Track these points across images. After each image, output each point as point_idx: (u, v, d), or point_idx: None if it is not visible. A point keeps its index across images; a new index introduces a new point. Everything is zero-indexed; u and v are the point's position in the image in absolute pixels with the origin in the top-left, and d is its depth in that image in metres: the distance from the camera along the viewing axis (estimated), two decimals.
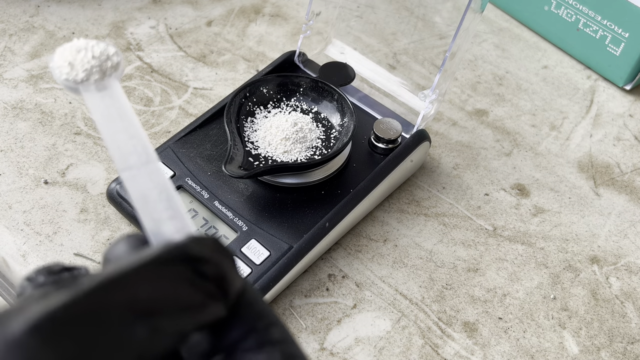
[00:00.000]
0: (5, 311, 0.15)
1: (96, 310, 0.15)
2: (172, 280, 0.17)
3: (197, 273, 0.18)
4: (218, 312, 0.18)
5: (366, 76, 0.53)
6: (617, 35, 0.56)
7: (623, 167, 0.54)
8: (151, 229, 0.21)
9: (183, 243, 0.18)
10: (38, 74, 0.55)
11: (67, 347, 0.14)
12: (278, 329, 0.19)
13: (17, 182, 0.48)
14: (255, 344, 0.19)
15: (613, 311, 0.45)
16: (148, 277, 0.16)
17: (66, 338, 0.14)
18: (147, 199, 0.21)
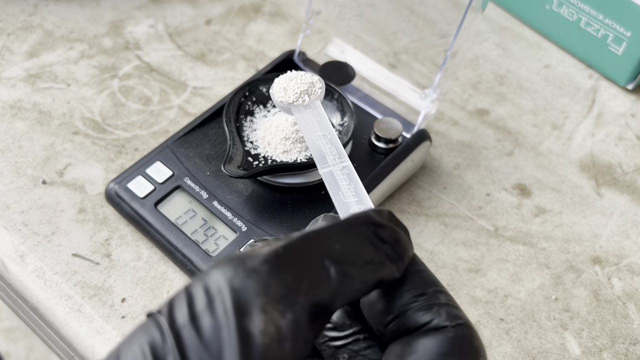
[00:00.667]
0: (243, 253, 0.20)
1: (303, 252, 0.20)
2: (358, 238, 0.22)
3: (377, 236, 0.22)
4: (393, 272, 0.23)
5: (366, 75, 0.52)
6: (619, 34, 0.56)
7: (625, 167, 0.53)
8: (341, 211, 0.27)
9: (366, 211, 0.23)
10: (36, 73, 0.55)
11: (285, 275, 0.20)
12: (444, 294, 0.23)
13: (15, 182, 0.48)
14: (424, 306, 0.23)
15: (615, 312, 0.45)
16: (340, 235, 0.21)
17: (285, 269, 0.20)
18: (339, 188, 0.28)
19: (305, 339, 0.20)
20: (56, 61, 0.56)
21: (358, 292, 0.21)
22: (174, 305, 0.19)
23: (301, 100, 0.36)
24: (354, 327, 0.24)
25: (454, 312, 0.23)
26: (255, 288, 0.19)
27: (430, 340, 0.22)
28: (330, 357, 0.25)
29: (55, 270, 0.44)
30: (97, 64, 0.56)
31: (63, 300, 0.43)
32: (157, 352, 0.18)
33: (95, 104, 0.53)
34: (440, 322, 0.22)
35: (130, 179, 0.46)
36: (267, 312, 0.19)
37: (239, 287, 0.19)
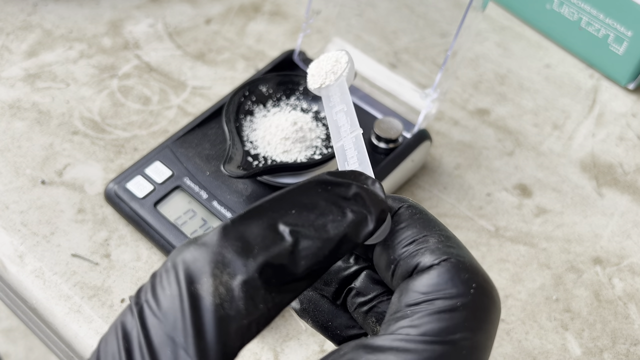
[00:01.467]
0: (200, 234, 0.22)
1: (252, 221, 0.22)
2: (313, 199, 0.23)
3: (336, 194, 0.23)
4: (364, 224, 0.23)
5: (367, 75, 0.52)
6: (619, 34, 0.55)
7: (626, 167, 0.53)
8: None
9: (321, 174, 0.24)
10: (35, 73, 0.55)
11: (234, 242, 0.21)
12: (436, 237, 0.24)
13: (14, 182, 0.48)
14: (412, 252, 0.23)
15: (616, 312, 0.45)
16: (295, 199, 0.22)
17: (234, 237, 0.21)
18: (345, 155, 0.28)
19: (265, 299, 0.21)
20: (55, 61, 0.56)
21: (323, 250, 0.22)
22: (142, 287, 0.22)
23: (328, 81, 0.35)
24: (376, 290, 0.26)
25: (439, 251, 0.23)
26: (205, 257, 0.21)
27: (416, 282, 0.23)
28: (363, 324, 0.26)
29: (54, 270, 0.44)
30: (97, 64, 0.56)
31: (62, 301, 0.43)
32: (126, 329, 0.20)
33: (94, 104, 0.53)
34: (426, 263, 0.23)
35: (130, 179, 0.46)
36: (217, 276, 0.20)
37: (190, 259, 0.21)
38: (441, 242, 0.23)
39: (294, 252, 0.22)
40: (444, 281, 0.22)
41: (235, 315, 0.20)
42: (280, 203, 0.22)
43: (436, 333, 0.21)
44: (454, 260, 0.23)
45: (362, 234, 0.23)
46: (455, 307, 0.22)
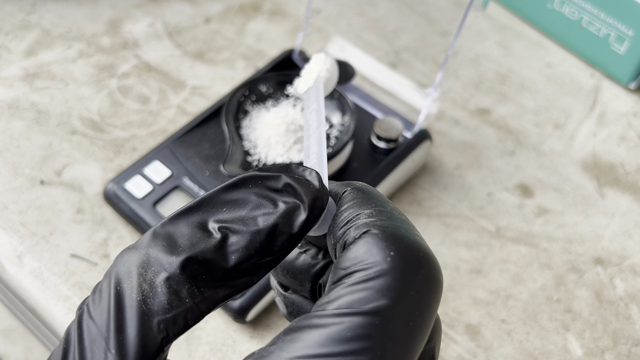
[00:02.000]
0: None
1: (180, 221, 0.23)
2: (243, 194, 0.23)
3: (267, 187, 0.23)
4: (296, 214, 0.23)
5: (367, 74, 0.52)
6: (621, 33, 0.55)
7: (627, 166, 0.53)
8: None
9: (252, 170, 0.24)
10: (34, 72, 0.55)
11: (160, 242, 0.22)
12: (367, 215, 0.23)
13: (12, 182, 0.48)
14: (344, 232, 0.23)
15: (617, 313, 0.44)
16: (225, 195, 0.23)
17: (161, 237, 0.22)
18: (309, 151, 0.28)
19: (191, 293, 0.22)
20: (54, 60, 0.56)
21: (253, 243, 0.22)
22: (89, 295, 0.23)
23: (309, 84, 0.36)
24: None
25: (364, 225, 0.22)
26: (134, 259, 0.22)
27: (340, 259, 0.22)
28: None
29: (53, 270, 0.44)
30: (96, 63, 0.56)
31: (61, 301, 0.43)
32: (69, 332, 0.22)
33: (93, 104, 0.53)
34: (350, 239, 0.23)
35: (129, 178, 0.46)
36: (142, 274, 0.22)
37: (121, 262, 0.22)
38: (371, 216, 0.23)
39: (222, 247, 0.22)
40: (361, 253, 0.21)
41: (158, 309, 0.21)
42: (210, 202, 0.23)
43: (349, 305, 0.20)
44: (374, 231, 0.22)
45: (295, 224, 0.23)
46: (370, 277, 0.21)
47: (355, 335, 0.19)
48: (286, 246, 0.23)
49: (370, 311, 0.20)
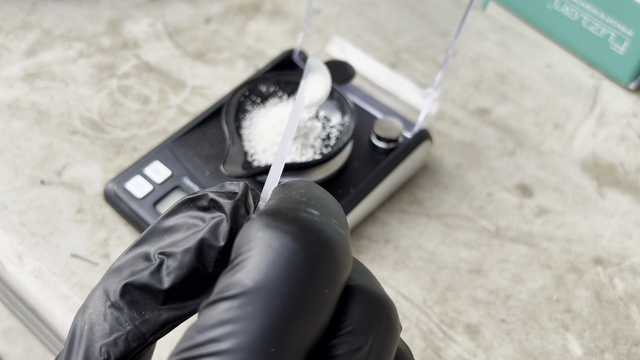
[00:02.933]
0: None
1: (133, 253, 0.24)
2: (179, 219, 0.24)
3: (197, 207, 0.24)
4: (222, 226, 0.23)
5: (367, 74, 0.52)
6: (620, 33, 0.55)
7: (627, 166, 0.53)
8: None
9: (184, 196, 0.26)
10: (34, 72, 0.55)
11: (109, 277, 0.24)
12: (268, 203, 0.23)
13: (12, 182, 0.48)
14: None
15: (617, 313, 0.45)
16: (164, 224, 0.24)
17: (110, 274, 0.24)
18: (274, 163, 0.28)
19: (131, 317, 0.24)
20: (54, 60, 0.56)
21: (185, 262, 0.23)
22: None
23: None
24: None
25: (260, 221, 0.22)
26: (94, 292, 0.24)
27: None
28: None
29: (53, 270, 0.44)
30: (96, 63, 0.56)
31: (61, 301, 0.43)
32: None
33: (93, 104, 0.53)
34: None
35: (129, 178, 0.46)
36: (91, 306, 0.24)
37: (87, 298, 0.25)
38: (267, 205, 0.23)
39: (158, 272, 0.23)
40: (239, 239, 0.21)
41: (101, 334, 0.24)
42: (154, 232, 0.24)
43: (217, 292, 0.20)
44: (253, 216, 0.22)
45: (220, 235, 0.23)
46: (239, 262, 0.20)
47: (216, 322, 0.19)
48: (220, 260, 0.23)
49: (233, 295, 0.19)
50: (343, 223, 0.22)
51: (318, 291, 0.19)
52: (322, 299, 0.19)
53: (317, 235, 0.20)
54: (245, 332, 0.18)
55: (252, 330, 0.18)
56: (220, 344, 0.18)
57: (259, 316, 0.18)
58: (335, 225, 0.21)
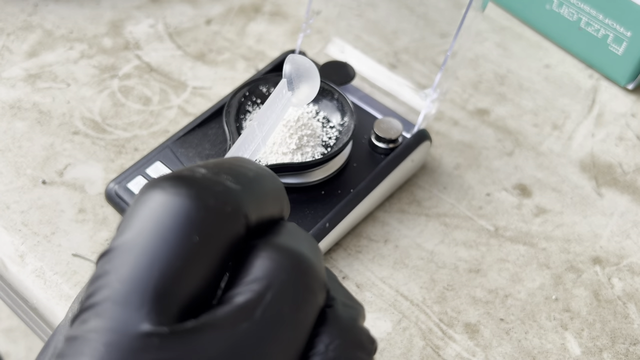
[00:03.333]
0: None
1: None
2: None
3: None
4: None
5: (366, 75, 0.52)
6: (619, 34, 0.56)
7: (625, 167, 0.53)
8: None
9: None
10: (36, 73, 0.55)
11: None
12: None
13: (14, 182, 0.48)
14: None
15: (615, 312, 0.45)
16: None
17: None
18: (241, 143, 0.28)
19: None
20: (56, 61, 0.56)
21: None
22: None
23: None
24: None
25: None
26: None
27: None
28: None
29: (55, 270, 0.44)
30: (97, 64, 0.56)
31: (63, 301, 0.43)
32: None
33: (95, 104, 0.53)
34: None
35: (130, 179, 0.46)
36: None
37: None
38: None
39: None
40: None
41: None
42: None
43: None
44: None
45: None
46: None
47: (91, 278, 0.19)
48: None
49: (105, 252, 0.19)
50: (242, 180, 0.20)
51: (183, 238, 0.19)
52: (190, 245, 0.19)
53: (188, 187, 0.19)
54: (110, 285, 0.18)
55: (116, 282, 0.18)
56: (93, 298, 0.18)
57: (122, 267, 0.18)
58: (225, 180, 0.20)
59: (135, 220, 0.19)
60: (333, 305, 0.21)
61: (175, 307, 0.18)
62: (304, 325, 0.20)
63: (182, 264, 0.18)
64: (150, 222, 0.19)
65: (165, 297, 0.18)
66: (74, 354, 0.17)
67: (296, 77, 0.36)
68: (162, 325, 0.17)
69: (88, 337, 0.17)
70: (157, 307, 0.18)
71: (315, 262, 0.21)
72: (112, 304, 0.18)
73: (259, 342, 0.18)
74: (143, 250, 0.18)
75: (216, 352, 0.17)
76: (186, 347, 0.17)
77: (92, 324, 0.17)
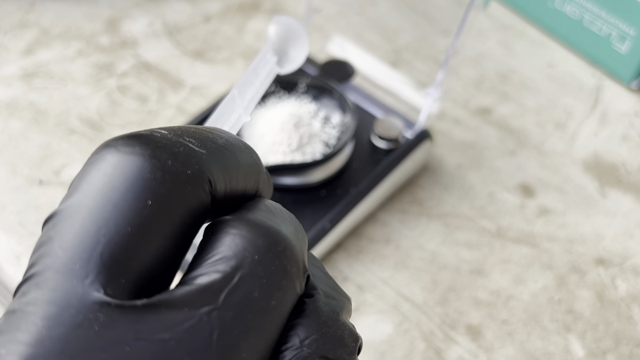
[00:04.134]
0: None
1: None
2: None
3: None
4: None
5: (367, 74, 0.52)
6: (622, 32, 0.55)
7: (629, 166, 0.53)
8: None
9: None
10: (33, 71, 0.54)
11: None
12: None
13: (11, 181, 0.47)
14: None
15: (619, 314, 0.44)
16: None
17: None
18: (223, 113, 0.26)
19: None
20: (53, 59, 0.55)
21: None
22: None
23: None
24: None
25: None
26: None
27: None
28: None
29: None
30: (94, 63, 0.56)
31: None
32: None
33: (92, 103, 0.53)
34: None
35: None
36: None
37: None
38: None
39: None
40: None
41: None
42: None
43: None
44: None
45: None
46: None
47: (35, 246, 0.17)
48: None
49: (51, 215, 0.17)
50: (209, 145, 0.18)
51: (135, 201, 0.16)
52: (143, 210, 0.16)
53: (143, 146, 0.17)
54: (52, 252, 0.16)
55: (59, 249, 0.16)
56: (34, 268, 0.16)
57: (66, 232, 0.16)
58: (187, 143, 0.18)
59: (84, 182, 0.17)
60: (313, 295, 0.19)
61: (124, 280, 0.16)
62: (277, 315, 0.17)
63: (133, 230, 0.16)
64: (99, 183, 0.17)
65: (113, 267, 0.16)
66: (9, 330, 0.15)
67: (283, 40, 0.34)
68: (110, 298, 0.15)
69: (26, 310, 0.15)
70: (104, 277, 0.15)
71: (294, 244, 0.18)
72: (53, 272, 0.16)
73: (222, 330, 0.16)
74: (89, 214, 0.16)
75: (169, 336, 0.15)
76: (135, 327, 0.15)
77: (31, 295, 0.15)
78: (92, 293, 0.15)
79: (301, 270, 0.18)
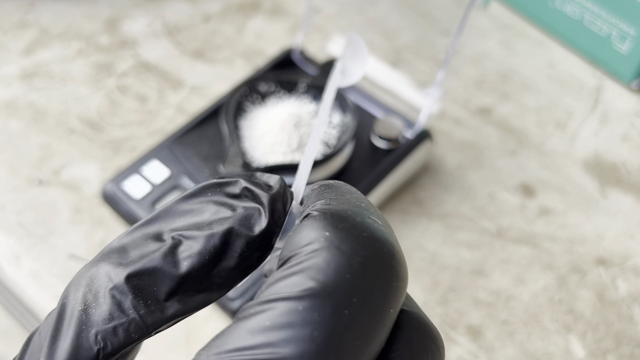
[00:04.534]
0: None
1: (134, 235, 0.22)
2: (201, 203, 0.22)
3: (226, 193, 0.22)
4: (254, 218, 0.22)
5: (367, 74, 0.52)
6: (622, 32, 0.55)
7: (629, 166, 0.53)
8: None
9: (213, 179, 0.23)
10: (32, 71, 0.54)
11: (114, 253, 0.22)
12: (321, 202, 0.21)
13: (10, 182, 0.47)
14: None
15: (619, 314, 0.44)
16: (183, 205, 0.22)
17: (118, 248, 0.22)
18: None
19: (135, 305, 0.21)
20: (52, 59, 0.55)
21: (207, 247, 0.21)
22: None
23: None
24: None
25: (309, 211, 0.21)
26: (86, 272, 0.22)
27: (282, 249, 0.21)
28: None
29: (51, 271, 0.43)
30: (94, 62, 0.55)
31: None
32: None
33: (92, 103, 0.53)
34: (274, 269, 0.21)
35: (127, 178, 0.45)
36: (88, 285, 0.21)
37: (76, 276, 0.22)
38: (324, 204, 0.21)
39: (173, 254, 0.21)
40: (298, 237, 0.19)
41: (98, 320, 0.21)
42: (168, 212, 0.22)
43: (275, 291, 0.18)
44: (314, 214, 0.20)
45: (255, 226, 0.21)
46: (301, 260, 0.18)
47: (275, 324, 0.17)
48: (245, 252, 0.21)
49: (295, 296, 0.17)
50: (395, 237, 0.20)
51: (385, 308, 0.18)
52: (387, 318, 0.18)
53: (387, 247, 0.18)
54: (310, 340, 0.17)
55: (318, 339, 0.17)
56: (279, 349, 0.16)
57: (326, 325, 0.17)
58: (396, 239, 0.19)
59: (336, 271, 0.18)
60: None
61: None
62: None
63: (376, 336, 0.18)
64: (355, 281, 0.18)
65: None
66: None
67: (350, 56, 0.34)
68: None
69: None
70: None
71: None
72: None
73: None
74: (347, 314, 0.17)
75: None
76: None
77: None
78: None
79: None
